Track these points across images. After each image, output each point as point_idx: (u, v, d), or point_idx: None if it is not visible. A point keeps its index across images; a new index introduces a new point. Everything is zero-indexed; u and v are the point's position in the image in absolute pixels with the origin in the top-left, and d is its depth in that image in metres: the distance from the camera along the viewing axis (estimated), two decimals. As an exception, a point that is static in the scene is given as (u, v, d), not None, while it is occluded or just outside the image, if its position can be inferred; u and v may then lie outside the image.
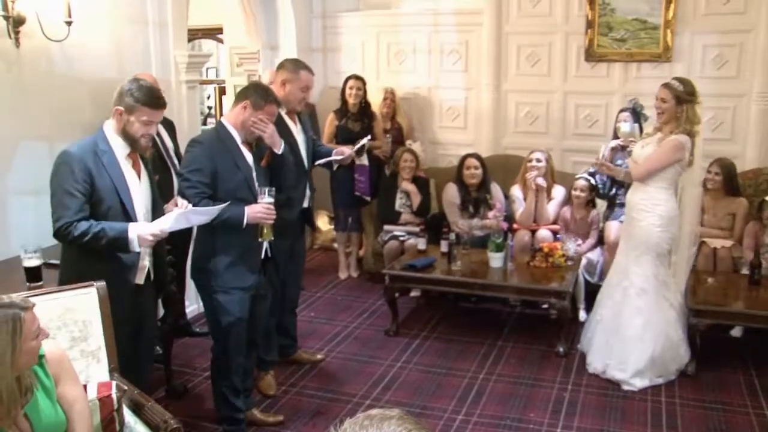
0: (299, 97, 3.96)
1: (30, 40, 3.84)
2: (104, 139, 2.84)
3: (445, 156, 6.63)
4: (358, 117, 5.91)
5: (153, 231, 2.80)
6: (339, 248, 6.27)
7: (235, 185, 3.25)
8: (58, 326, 2.57)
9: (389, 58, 6.74)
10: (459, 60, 6.49)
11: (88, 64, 4.23)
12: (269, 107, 3.33)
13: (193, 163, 3.21)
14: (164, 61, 4.79)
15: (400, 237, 5.59)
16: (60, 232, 2.75)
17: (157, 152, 4.30)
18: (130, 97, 2.80)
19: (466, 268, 4.80)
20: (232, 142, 3.31)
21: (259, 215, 3.25)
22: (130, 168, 2.90)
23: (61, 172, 2.75)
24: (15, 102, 3.84)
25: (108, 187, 2.79)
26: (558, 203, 5.39)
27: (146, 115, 2.83)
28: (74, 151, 2.78)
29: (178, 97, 4.90)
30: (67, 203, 2.72)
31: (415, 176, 5.78)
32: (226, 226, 3.20)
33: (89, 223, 2.75)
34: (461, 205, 5.43)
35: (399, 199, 5.75)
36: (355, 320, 5.16)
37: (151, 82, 4.20)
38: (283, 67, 4.00)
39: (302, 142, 4.07)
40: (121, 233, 2.77)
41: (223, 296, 3.32)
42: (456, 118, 6.61)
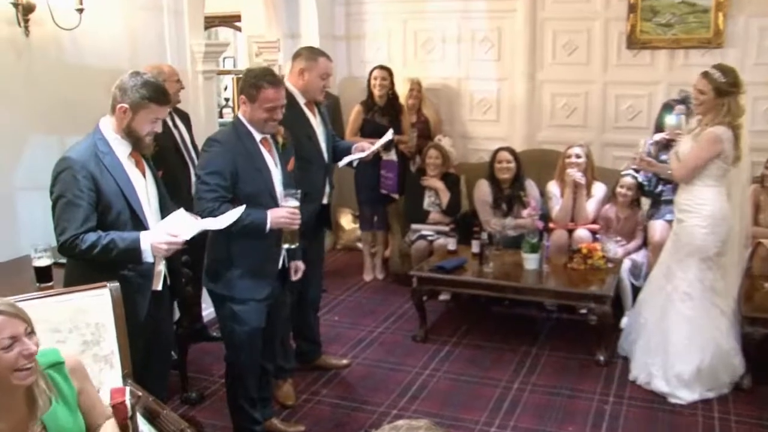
0: (319, 85, 3.93)
1: (40, 29, 3.87)
2: (103, 140, 2.77)
3: (476, 151, 6.58)
4: (386, 110, 5.91)
5: (168, 240, 2.73)
6: (364, 248, 6.26)
7: (256, 188, 3.21)
8: (70, 329, 2.57)
9: (417, 46, 6.71)
10: (491, 48, 6.43)
11: (101, 54, 4.26)
12: (264, 94, 3.18)
13: (211, 165, 3.15)
14: (180, 50, 4.81)
15: (428, 237, 5.57)
16: (66, 246, 2.68)
17: (175, 146, 4.32)
18: (135, 93, 2.74)
19: (498, 269, 4.77)
20: (251, 140, 3.26)
21: (283, 220, 3.20)
22: (133, 168, 2.84)
23: (62, 180, 2.69)
24: (24, 93, 3.88)
25: (114, 192, 2.73)
26: (598, 201, 5.32)
27: (154, 112, 2.79)
28: (75, 157, 2.70)
29: (194, 88, 4.92)
30: (72, 214, 2.66)
31: (444, 173, 5.76)
32: (246, 231, 3.16)
33: (97, 234, 2.69)
34: (493, 202, 5.40)
35: (427, 197, 5.74)
36: (380, 325, 5.15)
37: (169, 73, 4.29)
38: (299, 56, 3.99)
39: (322, 134, 4.05)
40: (133, 243, 2.71)
41: (239, 306, 3.29)
42: (488, 111, 6.56)
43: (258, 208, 3.18)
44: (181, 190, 4.26)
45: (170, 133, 4.31)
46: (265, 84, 3.18)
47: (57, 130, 4.00)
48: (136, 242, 2.71)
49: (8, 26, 3.75)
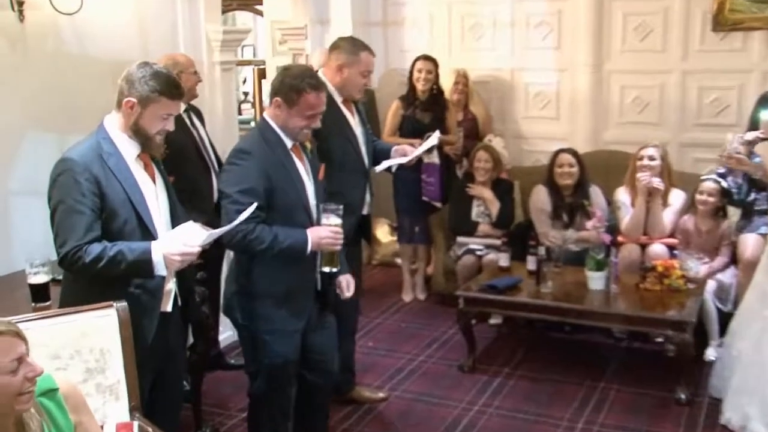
0: (359, 83, 3.97)
1: (36, 13, 3.92)
2: (108, 139, 2.78)
3: (532, 153, 6.54)
4: (428, 106, 5.91)
5: (182, 250, 2.72)
6: (403, 264, 6.25)
7: (290, 202, 3.22)
8: (71, 355, 2.58)
9: (463, 33, 6.68)
10: (549, 34, 6.39)
11: (105, 42, 4.30)
12: (306, 99, 3.18)
13: (243, 181, 3.12)
14: (194, 38, 4.85)
15: (477, 251, 5.54)
16: (67, 259, 2.67)
17: (195, 148, 4.35)
18: (144, 85, 2.74)
19: (558, 290, 4.73)
20: (283, 148, 3.25)
21: (326, 241, 3.19)
22: (142, 171, 2.85)
23: (62, 184, 2.69)
24: (19, 87, 3.93)
25: (120, 198, 2.74)
26: (676, 211, 5.24)
27: (165, 107, 2.78)
28: (76, 158, 2.71)
29: (210, 80, 4.95)
30: (74, 223, 2.66)
31: (495, 178, 5.74)
32: (284, 254, 3.16)
33: (102, 245, 2.68)
34: (552, 212, 5.37)
35: (476, 206, 5.71)
36: (422, 352, 5.13)
37: (185, 63, 4.31)
38: (339, 49, 4.00)
39: (361, 137, 4.07)
40: (143, 255, 2.69)
41: (267, 335, 3.29)
42: (546, 107, 6.52)
43: (291, 225, 3.19)
44: (204, 200, 4.28)
45: (189, 133, 4.35)
46: (307, 88, 3.18)
47: (56, 128, 4.05)
48: (147, 253, 2.70)
49: (0, 10, 3.80)
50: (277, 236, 3.13)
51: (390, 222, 6.80)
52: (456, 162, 6.09)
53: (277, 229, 3.15)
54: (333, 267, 3.31)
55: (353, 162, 3.97)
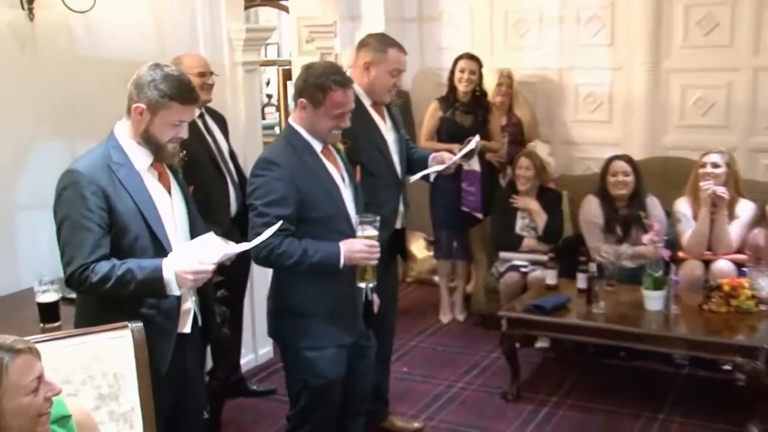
0: (388, 83, 3.97)
1: (47, 12, 3.98)
2: (118, 148, 2.81)
3: (582, 160, 6.54)
4: (470, 108, 5.92)
5: (195, 268, 2.73)
6: (440, 282, 6.25)
7: (326, 212, 3.26)
8: (83, 380, 2.61)
9: (506, 29, 6.69)
10: (602, 30, 6.38)
11: (119, 42, 4.36)
12: (332, 97, 3.23)
13: (269, 193, 3.18)
14: (215, 38, 4.91)
15: (521, 268, 5.54)
16: (74, 278, 2.71)
17: (209, 155, 4.39)
18: (154, 90, 2.76)
19: (612, 310, 4.70)
20: (311, 153, 3.29)
21: (360, 255, 3.22)
22: (156, 182, 2.88)
23: (67, 198, 2.73)
24: (28, 91, 3.98)
25: (130, 212, 2.76)
26: (744, 224, 5.19)
27: (177, 113, 2.81)
28: (82, 170, 2.74)
29: (232, 83, 5.00)
30: (80, 240, 2.69)
31: (540, 188, 5.74)
32: (315, 270, 3.21)
33: (111, 263, 2.71)
34: (605, 225, 5.35)
35: (520, 218, 5.72)
36: (461, 378, 5.13)
37: (188, 65, 4.29)
38: (365, 46, 4.02)
39: (394, 144, 4.08)
40: (154, 273, 2.71)
41: (314, 353, 3.33)
42: (597, 109, 6.50)
43: (332, 236, 3.23)
44: (219, 212, 4.31)
45: (203, 139, 4.38)
46: (332, 85, 3.22)
47: (67, 136, 4.10)
48: (157, 271, 2.71)
49: (9, 9, 3.86)
50: (306, 250, 3.17)
51: (426, 236, 6.80)
52: (499, 170, 6.09)
53: (307, 242, 3.19)
54: (369, 282, 3.34)
55: (384, 172, 3.99)
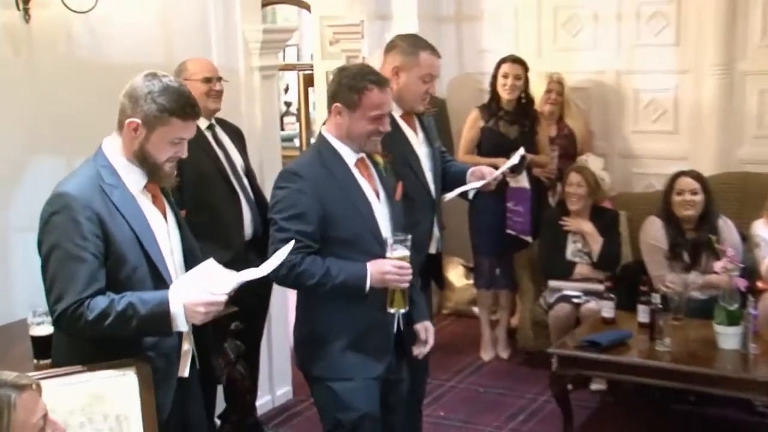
0: (419, 90, 3.98)
1: (44, 12, 4.03)
2: (108, 168, 2.81)
3: (644, 176, 6.52)
4: (515, 117, 5.92)
5: (206, 299, 2.72)
6: (481, 315, 6.25)
7: (355, 231, 3.30)
8: (81, 423, 2.62)
9: (556, 29, 6.70)
10: (666, 28, 6.37)
11: (124, 45, 4.40)
12: (369, 97, 3.28)
13: (290, 206, 3.24)
14: (228, 40, 4.96)
15: (573, 299, 5.52)
16: (65, 317, 2.66)
17: (220, 172, 4.42)
18: (151, 103, 2.75)
19: (679, 348, 4.65)
20: (341, 166, 3.34)
21: (388, 277, 3.24)
22: (150, 205, 2.88)
23: (58, 225, 2.69)
24: (23, 99, 4.02)
25: (128, 239, 2.75)
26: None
27: (177, 130, 2.80)
28: (74, 192, 2.71)
29: (247, 90, 5.05)
30: (73, 272, 2.65)
31: (594, 207, 5.73)
32: (338, 291, 3.24)
33: (108, 298, 2.67)
34: (670, 250, 5.34)
35: (572, 242, 5.71)
36: (505, 424, 5.12)
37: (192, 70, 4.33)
38: (393, 49, 4.05)
39: (427, 159, 4.10)
40: (159, 307, 2.68)
41: (342, 384, 3.35)
42: (661, 118, 6.49)
43: (361, 256, 3.26)
44: (229, 234, 4.33)
45: (212, 154, 4.42)
46: (368, 84, 3.27)
47: (66, 151, 4.12)
48: (163, 304, 2.69)
49: (3, 9, 3.91)
50: (329, 270, 3.21)
51: (465, 262, 6.81)
52: (548, 187, 6.08)
53: (331, 261, 3.23)
54: (400, 308, 3.35)
55: (416, 190, 3.99)
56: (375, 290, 3.26)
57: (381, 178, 3.47)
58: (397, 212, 3.46)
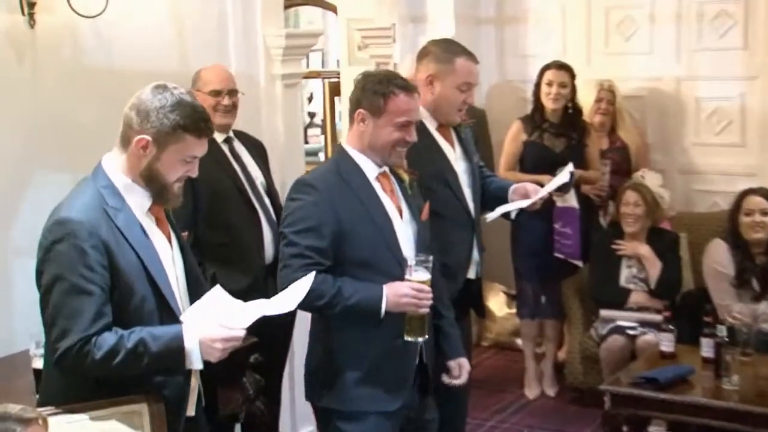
0: (456, 101, 4.00)
1: (50, 17, 4.06)
2: (111, 189, 2.80)
3: (707, 194, 6.49)
4: (562, 130, 5.92)
5: (223, 335, 2.71)
6: (525, 347, 6.25)
7: (372, 251, 3.30)
8: (87, 466, 2.63)
9: (608, 31, 6.70)
10: (732, 29, 6.35)
11: (135, 51, 4.43)
12: (395, 102, 3.31)
13: (302, 219, 3.28)
14: (248, 46, 4.98)
15: (628, 330, 5.49)
16: (69, 356, 2.64)
17: (238, 190, 4.42)
18: (163, 118, 2.75)
19: (748, 387, 4.62)
20: (361, 179, 3.37)
21: (406, 300, 3.23)
22: (155, 229, 2.88)
23: (61, 254, 2.67)
24: (26, 111, 4.05)
25: (135, 269, 2.75)
26: None
27: (191, 148, 2.81)
28: (78, 218, 2.69)
29: (269, 100, 5.07)
30: (78, 307, 2.64)
31: (652, 228, 5.71)
32: (351, 315, 3.24)
33: (117, 334, 2.66)
34: (737, 277, 5.33)
35: (626, 266, 5.69)
36: (553, 470, 5.09)
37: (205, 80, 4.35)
38: (427, 55, 4.06)
39: (465, 175, 4.10)
40: (172, 342, 2.69)
41: (352, 426, 3.33)
42: (726, 129, 6.47)
43: (378, 278, 3.26)
44: (247, 257, 4.34)
45: (229, 170, 4.43)
46: (394, 89, 3.31)
47: (72, 166, 4.10)
48: (177, 340, 2.69)
49: (6, 13, 3.94)
50: (341, 290, 3.22)
51: (507, 288, 6.80)
52: (599, 207, 6.06)
53: (344, 281, 3.24)
54: (418, 336, 3.34)
55: (453, 209, 4.00)
56: (393, 316, 3.26)
57: (405, 195, 3.47)
58: (422, 233, 3.46)
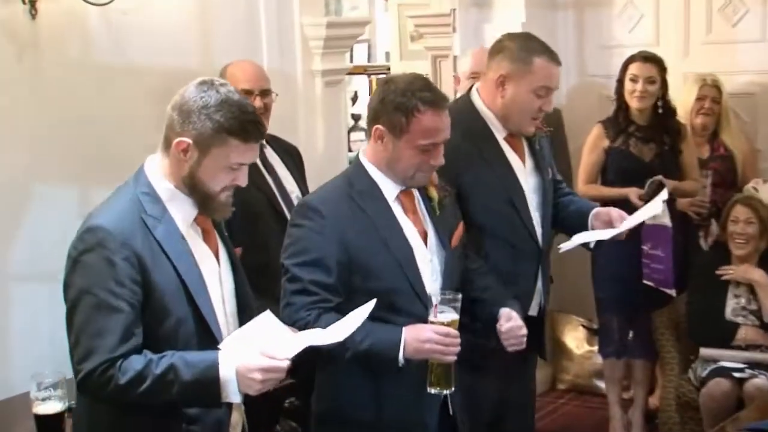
0: (531, 107, 3.99)
1: (54, 6, 4.15)
2: (152, 196, 2.87)
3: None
4: (651, 134, 5.87)
5: (263, 364, 2.75)
6: (609, 392, 6.22)
7: (387, 286, 3.30)
8: None
9: (710, 15, 6.66)
10: None
11: (152, 44, 4.53)
12: (420, 121, 3.28)
13: (305, 251, 3.29)
14: (283, 37, 5.08)
15: (734, 372, 5.44)
16: (92, 379, 2.70)
17: (269, 203, 4.48)
18: (206, 119, 2.80)
19: None
20: (378, 201, 3.38)
21: (429, 347, 3.21)
22: (201, 243, 2.96)
23: (89, 266, 2.75)
24: (27, 116, 4.15)
25: (172, 287, 2.81)
26: None
27: (237, 154, 2.86)
28: (110, 226, 2.76)
29: (307, 100, 5.16)
30: (105, 324, 2.70)
31: (764, 250, 5.65)
32: (364, 362, 3.26)
33: (145, 358, 2.72)
34: None
35: (733, 296, 5.65)
36: None
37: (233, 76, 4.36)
38: (500, 52, 4.06)
39: (534, 194, 4.13)
40: (207, 371, 2.73)
41: None
42: None
43: (397, 322, 3.26)
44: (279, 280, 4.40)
45: (260, 179, 4.48)
46: (419, 105, 3.27)
47: (79, 178, 4.24)
48: (212, 368, 2.73)
49: (5, 3, 4.03)
50: (352, 333, 3.11)
51: (587, 322, 6.78)
52: (699, 225, 6.04)
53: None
54: (443, 388, 3.32)
55: (518, 234, 4.02)
56: (411, 363, 3.24)
57: (432, 217, 3.47)
58: (451, 263, 3.45)
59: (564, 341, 6.81)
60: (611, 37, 6.92)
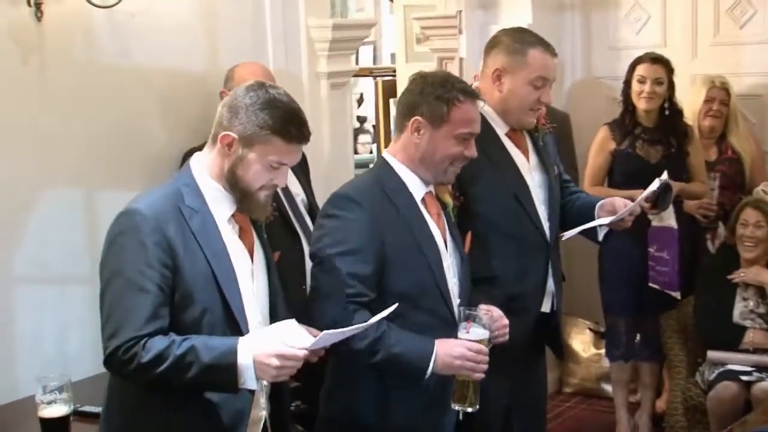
0: (528, 98, 4.00)
1: (60, 9, 4.15)
2: (193, 188, 2.97)
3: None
4: (658, 136, 5.88)
5: (280, 351, 2.79)
6: (616, 395, 6.23)
7: (415, 284, 3.31)
8: None
9: (717, 16, 6.65)
10: None
11: (158, 47, 4.53)
12: (460, 111, 3.34)
13: (344, 241, 3.28)
14: (289, 40, 5.07)
15: (742, 375, 5.45)
16: (117, 356, 2.78)
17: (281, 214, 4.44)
18: (251, 116, 2.91)
19: None
20: (408, 199, 3.39)
21: (459, 363, 3.21)
22: (236, 239, 3.02)
23: (122, 248, 2.85)
24: (32, 117, 4.14)
25: (201, 275, 2.88)
26: None
27: (278, 152, 2.94)
28: (146, 210, 2.86)
29: (312, 103, 5.14)
30: (134, 304, 2.78)
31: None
32: (390, 368, 3.25)
33: (169, 339, 2.79)
34: None
35: (741, 299, 5.66)
36: None
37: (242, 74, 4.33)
38: (496, 47, 4.07)
39: (540, 189, 4.12)
40: (225, 356, 2.78)
41: None
42: None
43: (419, 320, 3.28)
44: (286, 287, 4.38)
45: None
46: (459, 95, 3.34)
47: (85, 181, 4.24)
48: (230, 354, 2.78)
49: (10, 6, 4.03)
50: (385, 335, 3.18)
51: (593, 325, 6.79)
52: (706, 228, 6.04)
53: (388, 324, 3.19)
54: (468, 406, 3.30)
55: (524, 229, 4.01)
56: (436, 377, 3.23)
57: (449, 223, 3.49)
58: (465, 269, 3.48)
59: (571, 344, 6.80)
60: (618, 39, 6.92)
